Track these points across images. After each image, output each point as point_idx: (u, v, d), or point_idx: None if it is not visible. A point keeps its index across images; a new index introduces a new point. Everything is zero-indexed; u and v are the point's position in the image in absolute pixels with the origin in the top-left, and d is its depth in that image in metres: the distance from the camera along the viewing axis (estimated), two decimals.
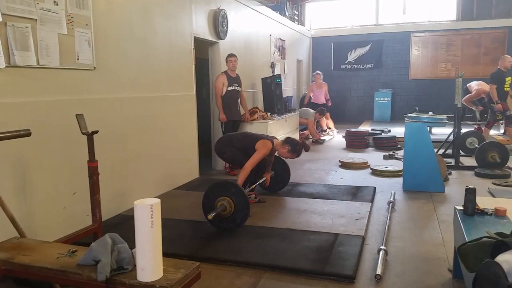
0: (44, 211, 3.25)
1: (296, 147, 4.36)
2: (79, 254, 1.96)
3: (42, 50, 3.18)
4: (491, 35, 11.67)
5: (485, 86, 7.92)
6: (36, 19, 3.11)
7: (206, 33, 5.95)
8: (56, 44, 3.30)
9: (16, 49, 2.96)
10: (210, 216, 3.40)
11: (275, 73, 8.49)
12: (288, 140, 4.42)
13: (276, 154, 4.57)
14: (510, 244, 1.84)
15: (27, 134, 2.60)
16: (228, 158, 4.57)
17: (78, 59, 3.53)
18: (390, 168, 5.98)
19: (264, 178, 4.55)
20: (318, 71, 10.70)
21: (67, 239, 2.75)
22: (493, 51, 11.69)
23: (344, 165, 6.48)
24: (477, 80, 8.56)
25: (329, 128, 10.50)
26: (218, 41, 6.32)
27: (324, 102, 10.44)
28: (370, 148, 8.19)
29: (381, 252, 3.04)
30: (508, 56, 7.45)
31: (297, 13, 12.71)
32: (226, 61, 6.07)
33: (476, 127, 7.96)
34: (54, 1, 3.27)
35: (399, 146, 7.70)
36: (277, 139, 4.61)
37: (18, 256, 2.01)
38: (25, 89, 3.10)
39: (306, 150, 4.49)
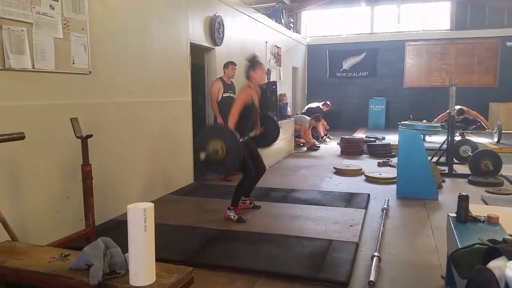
0: (36, 215, 3.23)
1: (251, 63, 4.23)
2: (72, 258, 1.95)
3: (38, 54, 3.17)
4: (485, 44, 11.81)
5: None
6: (32, 23, 3.11)
7: (202, 39, 5.97)
8: (52, 48, 3.30)
9: (12, 52, 2.95)
10: (202, 156, 3.33)
11: (271, 80, 8.53)
12: (246, 73, 4.27)
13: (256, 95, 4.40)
14: (502, 251, 1.85)
15: (20, 137, 2.59)
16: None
17: (73, 63, 3.53)
18: (384, 175, 6.00)
19: (253, 133, 4.42)
20: None
21: (60, 243, 2.73)
22: (486, 60, 11.84)
23: (339, 172, 6.49)
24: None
25: (326, 134, 10.52)
26: (214, 47, 6.34)
27: None
28: (364, 155, 8.23)
29: (374, 259, 3.04)
30: None
31: (292, 20, 12.82)
32: (227, 67, 5.99)
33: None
34: (51, 5, 3.27)
35: (393, 153, 7.73)
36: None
37: (10, 260, 2.00)
38: (20, 92, 3.09)
39: (254, 57, 4.35)
